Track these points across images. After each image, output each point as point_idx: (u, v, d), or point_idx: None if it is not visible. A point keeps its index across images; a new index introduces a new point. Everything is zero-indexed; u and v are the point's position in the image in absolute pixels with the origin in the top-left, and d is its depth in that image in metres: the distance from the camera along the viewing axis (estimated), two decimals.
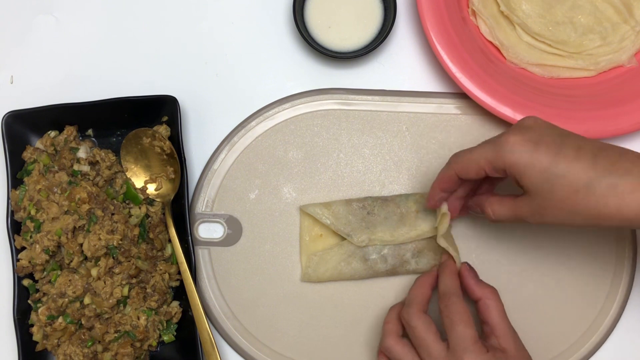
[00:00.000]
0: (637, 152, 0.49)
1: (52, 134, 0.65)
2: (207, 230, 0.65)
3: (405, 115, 0.66)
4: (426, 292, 0.57)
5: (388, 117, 0.66)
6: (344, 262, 0.63)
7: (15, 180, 0.64)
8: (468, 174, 0.54)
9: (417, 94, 0.66)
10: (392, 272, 0.63)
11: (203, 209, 0.65)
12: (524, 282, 0.64)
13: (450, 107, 0.66)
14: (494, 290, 0.56)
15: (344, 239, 0.63)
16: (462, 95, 0.64)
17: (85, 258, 0.61)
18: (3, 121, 0.63)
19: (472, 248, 0.64)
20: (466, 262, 0.60)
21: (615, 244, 0.64)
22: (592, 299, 0.63)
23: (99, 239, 0.60)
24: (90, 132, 0.66)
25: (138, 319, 0.61)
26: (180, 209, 0.63)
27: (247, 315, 0.64)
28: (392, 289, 0.64)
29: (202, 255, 0.65)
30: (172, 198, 0.64)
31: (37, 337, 0.62)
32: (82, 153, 0.64)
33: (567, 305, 0.64)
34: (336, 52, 0.65)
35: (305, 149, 0.66)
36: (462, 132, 0.66)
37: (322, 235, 0.64)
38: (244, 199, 0.65)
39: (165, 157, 0.65)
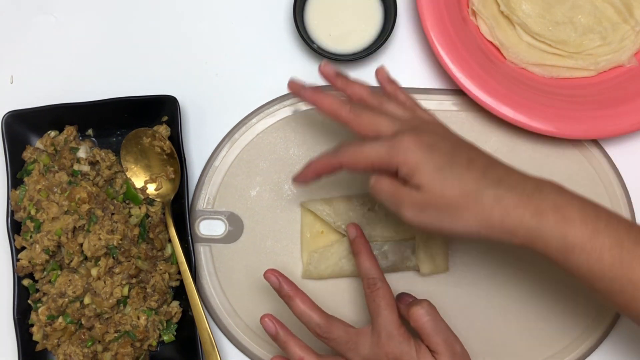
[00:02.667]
0: (521, 173, 0.51)
1: (52, 134, 0.65)
2: (209, 228, 0.65)
3: None
4: (374, 260, 0.57)
5: None
6: (345, 259, 0.63)
7: (15, 180, 0.64)
8: (355, 168, 0.52)
9: (418, 91, 0.66)
10: (393, 269, 0.64)
11: (204, 206, 0.65)
12: (523, 280, 0.64)
13: (451, 104, 0.66)
14: (427, 307, 0.55)
15: (345, 235, 0.63)
16: (462, 92, 0.64)
17: (85, 258, 0.61)
18: (3, 121, 0.63)
19: (472, 246, 0.64)
20: (400, 293, 0.59)
21: None
22: (591, 298, 0.63)
23: (99, 238, 0.60)
24: (90, 132, 0.66)
25: (138, 318, 0.61)
26: (180, 208, 0.63)
27: (249, 311, 0.64)
28: (393, 286, 0.63)
29: (204, 252, 0.65)
30: (172, 198, 0.64)
31: (37, 337, 0.61)
32: (82, 153, 0.64)
33: (566, 304, 0.64)
34: (336, 55, 0.65)
35: (306, 146, 0.66)
36: (462, 129, 0.66)
37: (323, 232, 0.64)
38: (245, 196, 0.65)
39: (165, 157, 0.65)
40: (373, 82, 0.67)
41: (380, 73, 0.60)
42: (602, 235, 0.47)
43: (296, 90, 0.57)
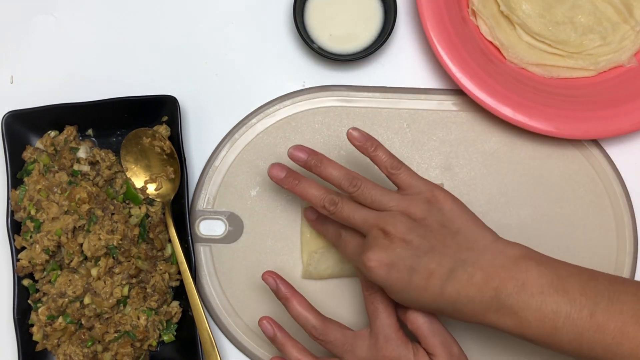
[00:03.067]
0: (489, 269, 0.51)
1: (52, 134, 0.65)
2: (209, 228, 0.65)
3: (406, 112, 0.66)
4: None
5: (389, 114, 0.66)
6: (345, 259, 0.63)
7: (15, 180, 0.64)
8: (340, 252, 0.59)
9: (418, 91, 0.66)
10: None
11: (204, 206, 0.65)
12: None
13: (451, 104, 0.66)
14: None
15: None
16: (462, 92, 0.64)
17: (85, 258, 0.61)
18: (3, 121, 0.63)
19: None
20: None
21: (616, 243, 0.64)
22: None
23: (99, 239, 0.60)
24: (90, 132, 0.66)
25: (138, 319, 0.61)
26: (180, 208, 0.63)
27: (249, 311, 0.64)
28: None
29: (204, 252, 0.65)
30: (172, 198, 0.64)
31: (37, 337, 0.61)
32: (82, 153, 0.64)
33: None
34: (336, 55, 0.65)
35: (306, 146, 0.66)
36: (462, 128, 0.66)
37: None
38: (245, 196, 0.65)
39: (165, 157, 0.65)
40: (373, 83, 0.67)
41: (352, 136, 0.57)
42: (560, 332, 0.50)
43: (277, 179, 0.58)
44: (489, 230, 0.54)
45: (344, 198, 0.55)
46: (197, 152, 0.67)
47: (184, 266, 0.62)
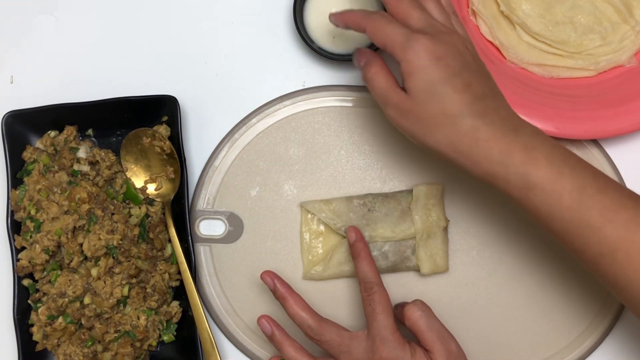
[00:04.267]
0: (512, 112, 0.52)
1: (52, 134, 0.65)
2: (209, 227, 0.65)
3: None
4: (373, 264, 0.57)
5: None
6: (345, 260, 0.63)
7: (15, 180, 0.64)
8: (372, 38, 0.53)
9: None
10: (393, 269, 0.64)
11: (204, 206, 0.65)
12: (524, 279, 0.64)
13: None
14: (420, 306, 0.56)
15: (345, 236, 0.63)
16: None
17: (85, 258, 0.61)
18: (3, 121, 0.63)
19: (473, 245, 0.64)
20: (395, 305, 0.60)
21: None
22: (592, 297, 0.63)
23: (99, 238, 0.60)
24: (90, 132, 0.66)
25: (138, 318, 0.61)
26: (180, 208, 0.63)
27: (249, 311, 0.64)
28: (393, 286, 0.64)
29: (204, 252, 0.65)
30: (172, 198, 0.64)
31: (37, 337, 0.61)
32: (82, 153, 0.64)
33: (566, 304, 0.64)
34: (336, 55, 0.65)
35: (306, 146, 0.66)
36: None
37: (323, 232, 0.64)
38: (245, 196, 0.65)
39: (165, 157, 0.65)
40: None
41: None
42: (566, 178, 0.49)
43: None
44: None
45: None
46: (197, 152, 0.67)
47: (184, 266, 0.62)
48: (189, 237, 0.63)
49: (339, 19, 0.56)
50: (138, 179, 0.65)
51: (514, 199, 0.51)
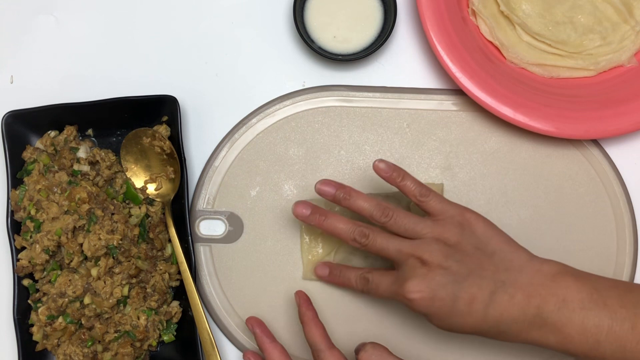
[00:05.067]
0: (529, 288, 0.52)
1: (52, 133, 0.65)
2: (209, 227, 0.65)
3: (406, 112, 0.66)
4: (320, 329, 0.58)
5: (389, 114, 0.66)
6: (345, 260, 0.63)
7: (15, 180, 0.64)
8: (369, 294, 0.58)
9: (418, 91, 0.66)
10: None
11: (204, 206, 0.65)
12: None
13: (451, 104, 0.66)
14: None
15: None
16: (462, 92, 0.64)
17: (85, 258, 0.61)
18: (3, 121, 0.63)
19: None
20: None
21: (616, 243, 0.64)
22: None
23: (99, 238, 0.60)
24: (90, 132, 0.66)
25: (138, 318, 0.61)
26: (180, 208, 0.63)
27: (249, 311, 0.64)
28: None
29: (204, 252, 0.65)
30: (172, 198, 0.64)
31: (37, 337, 0.61)
32: (82, 153, 0.64)
33: None
34: (336, 55, 0.65)
35: (306, 146, 0.66)
36: (463, 128, 0.66)
37: (323, 232, 0.64)
38: (245, 196, 0.65)
39: (165, 157, 0.65)
40: (373, 83, 0.67)
41: (378, 168, 0.57)
42: (603, 345, 0.51)
43: (302, 217, 0.58)
44: (523, 249, 0.55)
45: (374, 229, 0.56)
46: (197, 152, 0.67)
47: (184, 266, 0.62)
48: (189, 237, 0.63)
49: (331, 278, 0.62)
50: (138, 179, 0.65)
51: None
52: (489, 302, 0.52)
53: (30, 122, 0.64)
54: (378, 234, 0.56)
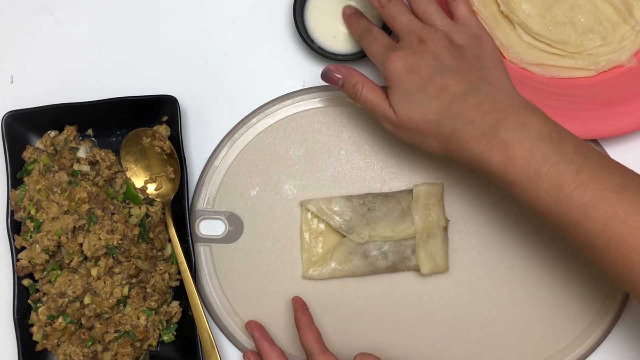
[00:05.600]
0: (499, 103, 0.52)
1: (52, 133, 0.65)
2: (208, 227, 0.65)
3: None
4: (315, 334, 0.59)
5: None
6: (344, 259, 0.63)
7: (15, 180, 0.64)
8: (361, 43, 0.60)
9: None
10: (393, 269, 0.64)
11: (204, 206, 0.65)
12: (524, 279, 0.64)
13: None
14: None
15: (345, 236, 0.64)
16: None
17: (85, 258, 0.61)
18: (3, 121, 0.63)
19: (473, 245, 0.64)
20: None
21: None
22: (592, 297, 0.63)
23: (99, 238, 0.60)
24: (90, 132, 0.66)
25: (138, 318, 0.61)
26: (180, 208, 0.63)
27: (248, 311, 0.64)
28: (392, 285, 0.64)
29: (204, 252, 0.65)
30: (172, 198, 0.64)
31: (37, 337, 0.62)
32: (82, 153, 0.64)
33: (567, 303, 0.64)
34: (336, 55, 0.65)
35: (306, 146, 0.66)
36: None
37: (323, 232, 0.64)
38: (245, 196, 0.65)
39: (165, 157, 0.65)
40: None
41: None
42: (542, 178, 0.49)
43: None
44: (512, 84, 0.55)
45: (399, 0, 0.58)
46: (197, 152, 0.67)
47: (184, 266, 0.62)
48: (189, 237, 0.63)
49: (348, 19, 0.63)
50: (138, 179, 0.65)
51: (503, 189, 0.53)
52: (459, 96, 0.52)
53: (30, 122, 0.64)
54: (399, 2, 0.57)
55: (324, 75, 0.60)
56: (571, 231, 0.50)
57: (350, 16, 0.63)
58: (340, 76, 0.59)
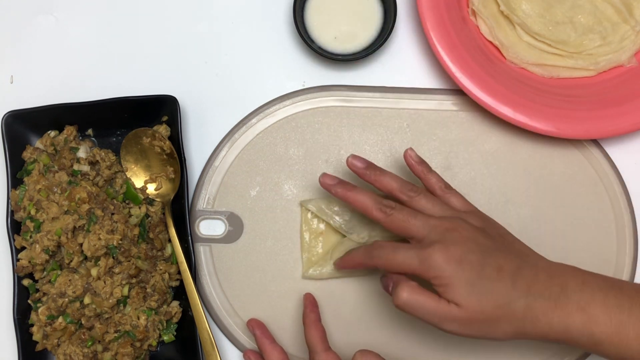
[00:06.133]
0: (546, 269, 0.52)
1: (52, 133, 0.65)
2: (208, 227, 0.65)
3: (406, 112, 0.66)
4: (319, 332, 0.58)
5: (389, 113, 0.66)
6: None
7: (15, 180, 0.64)
8: (390, 271, 0.55)
9: (418, 91, 0.66)
10: None
11: (204, 206, 0.65)
12: None
13: (451, 104, 0.66)
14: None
15: (345, 235, 0.63)
16: (462, 92, 0.64)
17: (85, 258, 0.61)
18: (3, 121, 0.63)
19: None
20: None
21: (616, 243, 0.64)
22: None
23: (99, 238, 0.60)
24: (90, 132, 0.66)
25: (138, 318, 0.61)
26: (180, 208, 0.63)
27: (249, 311, 0.64)
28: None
29: (204, 252, 0.65)
30: (172, 198, 0.64)
31: (37, 337, 0.61)
32: (82, 153, 0.64)
33: None
34: (336, 55, 0.65)
35: (306, 146, 0.66)
36: (462, 128, 0.66)
37: (323, 232, 0.64)
38: (245, 196, 0.65)
39: (165, 157, 0.65)
40: (373, 83, 0.67)
41: (409, 155, 0.60)
42: (627, 326, 0.50)
43: (328, 186, 0.59)
44: None
45: (398, 204, 0.56)
46: (197, 152, 0.67)
47: (184, 266, 0.62)
48: (189, 237, 0.63)
49: (346, 265, 0.60)
50: (138, 179, 0.65)
51: (587, 351, 0.53)
52: (516, 272, 0.51)
53: (30, 122, 0.64)
54: (403, 207, 0.55)
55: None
56: None
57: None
58: (390, 282, 0.55)
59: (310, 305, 0.62)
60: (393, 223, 0.55)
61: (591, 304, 0.50)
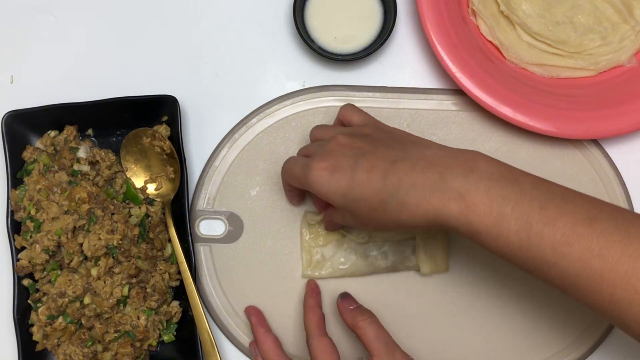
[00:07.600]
0: (433, 158, 0.50)
1: (52, 133, 0.65)
2: (209, 227, 0.65)
3: (406, 112, 0.66)
4: (316, 316, 0.59)
5: (389, 113, 0.66)
6: (344, 259, 0.63)
7: (15, 180, 0.64)
8: (293, 184, 0.57)
9: (418, 91, 0.66)
10: (393, 269, 0.64)
11: (204, 206, 0.65)
12: (522, 280, 0.64)
13: (451, 104, 0.66)
14: (370, 315, 0.57)
15: (344, 235, 0.64)
16: (462, 92, 0.64)
17: (85, 258, 0.61)
18: (3, 121, 0.63)
19: (473, 245, 0.63)
20: (342, 293, 0.61)
21: None
22: None
23: (99, 238, 0.60)
24: (90, 132, 0.66)
25: (138, 318, 0.61)
26: (180, 208, 0.63)
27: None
28: (392, 285, 0.64)
29: (204, 252, 0.65)
30: (172, 198, 0.64)
31: (37, 337, 0.61)
32: (82, 153, 0.64)
33: (567, 304, 0.64)
34: (336, 55, 0.65)
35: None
36: (462, 128, 0.66)
37: (323, 232, 0.64)
38: (245, 196, 0.65)
39: (165, 157, 0.65)
40: (373, 83, 0.67)
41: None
42: (508, 219, 0.46)
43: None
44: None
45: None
46: (197, 152, 0.67)
47: (184, 266, 0.62)
48: (189, 237, 0.63)
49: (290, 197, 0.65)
50: (138, 179, 0.65)
51: (470, 241, 0.49)
52: (389, 168, 0.49)
53: (30, 122, 0.64)
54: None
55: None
56: (547, 273, 0.46)
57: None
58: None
59: (310, 291, 0.62)
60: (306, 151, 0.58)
61: (472, 192, 0.47)
